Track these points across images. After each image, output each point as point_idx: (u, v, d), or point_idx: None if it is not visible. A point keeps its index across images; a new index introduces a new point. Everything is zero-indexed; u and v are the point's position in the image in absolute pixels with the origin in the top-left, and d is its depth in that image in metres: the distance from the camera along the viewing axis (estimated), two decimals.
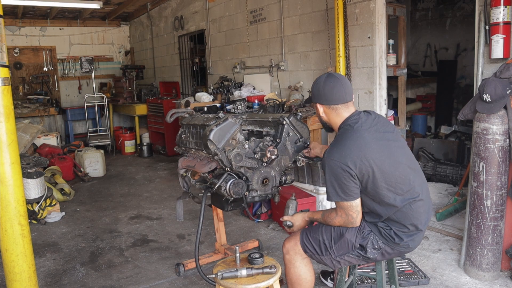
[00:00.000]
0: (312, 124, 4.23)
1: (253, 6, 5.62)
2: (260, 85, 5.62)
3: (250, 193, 2.41)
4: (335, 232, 2.01)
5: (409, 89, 6.66)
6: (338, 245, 1.99)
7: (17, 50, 8.75)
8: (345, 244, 1.98)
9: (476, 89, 2.98)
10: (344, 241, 1.97)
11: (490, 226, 2.73)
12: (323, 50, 4.62)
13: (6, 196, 1.92)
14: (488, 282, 2.77)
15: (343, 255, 2.00)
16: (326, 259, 2.04)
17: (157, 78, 8.91)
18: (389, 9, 3.95)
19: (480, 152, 2.71)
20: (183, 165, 2.73)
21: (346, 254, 1.99)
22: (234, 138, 2.37)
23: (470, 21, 5.59)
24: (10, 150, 1.91)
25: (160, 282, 3.00)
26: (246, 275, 1.93)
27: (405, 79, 4.32)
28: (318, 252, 2.05)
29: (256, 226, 3.96)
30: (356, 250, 1.97)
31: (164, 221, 4.22)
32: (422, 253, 3.21)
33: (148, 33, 8.96)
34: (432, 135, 5.89)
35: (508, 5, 2.76)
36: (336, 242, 1.99)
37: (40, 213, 4.30)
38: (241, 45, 5.99)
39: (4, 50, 1.90)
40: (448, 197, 4.22)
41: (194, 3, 7.08)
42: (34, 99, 8.53)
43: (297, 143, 2.50)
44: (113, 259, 3.41)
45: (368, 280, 2.80)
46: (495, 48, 2.84)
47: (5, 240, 1.95)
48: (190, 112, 2.96)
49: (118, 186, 5.69)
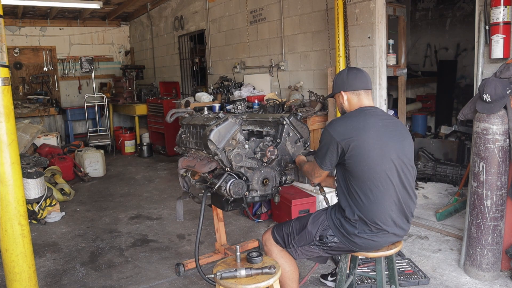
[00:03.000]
0: (312, 124, 4.24)
1: (253, 6, 5.62)
2: (260, 85, 5.62)
3: (250, 193, 2.41)
4: (299, 224, 2.18)
5: (409, 89, 6.66)
6: (300, 236, 2.14)
7: (17, 50, 8.75)
8: (306, 235, 2.13)
9: (476, 89, 2.98)
10: (305, 232, 2.13)
11: (490, 226, 2.73)
12: (323, 50, 4.62)
13: (6, 196, 1.92)
14: (488, 282, 2.77)
15: (304, 246, 2.14)
16: (291, 251, 2.19)
17: (157, 78, 8.91)
18: (389, 9, 3.95)
19: (480, 152, 2.71)
20: (183, 165, 2.73)
21: (307, 245, 2.13)
22: (234, 138, 2.37)
23: (470, 21, 5.58)
24: (10, 150, 1.91)
25: (160, 282, 3.00)
26: (245, 275, 1.93)
27: (405, 79, 4.32)
28: (284, 244, 2.20)
29: (256, 226, 3.96)
30: (316, 241, 2.10)
31: (164, 221, 4.23)
32: (422, 253, 3.21)
33: (148, 33, 8.96)
34: (432, 135, 5.89)
35: (508, 5, 2.76)
36: (298, 233, 2.15)
37: (40, 213, 4.30)
38: (241, 45, 5.99)
39: (4, 50, 1.90)
40: (448, 197, 4.22)
41: (194, 3, 7.08)
42: (34, 99, 8.53)
43: (297, 143, 2.50)
44: (113, 259, 3.41)
45: (368, 280, 2.80)
46: (495, 48, 2.84)
47: (5, 240, 1.95)
48: (190, 112, 2.96)
49: (118, 186, 5.69)
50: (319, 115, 4.34)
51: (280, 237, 2.22)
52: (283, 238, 2.21)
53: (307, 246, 2.13)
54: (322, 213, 2.16)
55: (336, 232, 2.05)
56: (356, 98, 2.11)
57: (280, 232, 2.23)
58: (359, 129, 1.96)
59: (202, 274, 2.35)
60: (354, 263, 2.37)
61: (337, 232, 2.04)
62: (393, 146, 1.98)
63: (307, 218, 2.18)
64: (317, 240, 2.09)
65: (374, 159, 1.93)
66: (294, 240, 2.15)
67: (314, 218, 2.14)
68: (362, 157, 1.93)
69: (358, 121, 2.00)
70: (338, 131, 1.97)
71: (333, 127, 2.01)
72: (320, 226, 2.09)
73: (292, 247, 2.17)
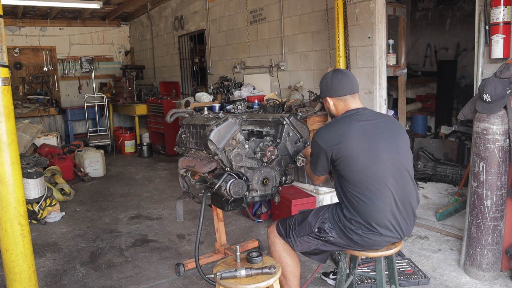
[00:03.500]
0: (312, 124, 4.23)
1: (253, 6, 5.62)
2: (260, 85, 5.62)
3: (250, 193, 2.41)
4: (302, 216, 2.20)
5: (409, 89, 6.66)
6: (300, 227, 2.17)
7: (17, 50, 8.75)
8: (305, 226, 2.14)
9: (476, 89, 2.98)
10: (305, 223, 2.15)
11: (490, 226, 2.73)
12: (323, 50, 4.62)
13: (6, 196, 1.92)
14: (488, 282, 2.77)
15: (303, 236, 2.15)
16: (291, 241, 2.20)
17: (157, 78, 8.91)
18: (389, 9, 3.95)
19: (480, 152, 2.71)
20: (183, 165, 2.73)
21: (306, 236, 2.15)
22: (234, 138, 2.37)
23: (470, 21, 5.58)
24: (10, 150, 1.91)
25: (160, 282, 3.00)
26: (245, 275, 1.93)
27: (405, 79, 4.32)
28: (286, 235, 2.22)
29: (256, 226, 3.96)
30: (315, 232, 2.11)
31: (164, 221, 4.23)
32: (422, 253, 3.21)
33: (148, 33, 8.96)
34: (432, 135, 5.89)
35: (508, 5, 2.76)
36: (299, 224, 2.17)
37: (40, 213, 4.30)
38: (241, 45, 5.99)
39: (4, 50, 1.90)
40: (448, 197, 4.22)
41: (194, 3, 7.08)
42: (34, 99, 8.53)
43: (297, 143, 2.50)
44: (113, 259, 3.41)
45: (368, 280, 2.79)
46: (495, 48, 2.84)
47: (5, 240, 1.95)
48: (190, 112, 2.96)
49: (118, 186, 5.69)
50: (319, 115, 4.34)
51: (283, 228, 2.24)
52: (285, 229, 2.23)
53: (305, 237, 2.15)
54: (325, 207, 2.18)
55: (334, 225, 2.06)
56: (342, 103, 2.11)
57: (284, 224, 2.26)
58: (344, 135, 1.97)
59: (202, 274, 2.35)
60: (354, 263, 2.37)
61: (335, 225, 2.06)
62: (384, 146, 1.98)
63: (310, 211, 2.21)
64: (315, 231, 2.10)
65: (365, 163, 1.94)
66: (295, 231, 2.18)
67: (316, 211, 2.17)
68: (350, 162, 1.94)
69: (343, 127, 2.00)
70: (324, 139, 2.00)
71: (319, 135, 2.05)
72: (320, 218, 2.11)
73: (291, 237, 2.19)
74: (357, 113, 2.05)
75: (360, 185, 1.95)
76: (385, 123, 2.05)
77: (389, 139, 2.00)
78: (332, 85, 2.10)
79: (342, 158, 1.96)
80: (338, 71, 2.15)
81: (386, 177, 1.95)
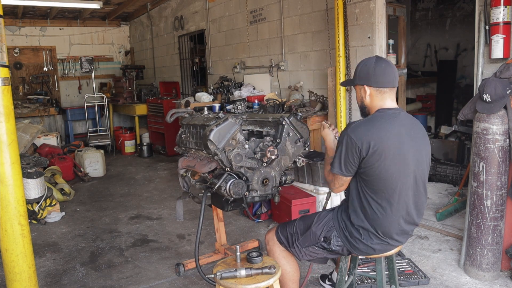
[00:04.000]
0: (312, 124, 4.24)
1: (253, 6, 5.62)
2: (260, 85, 5.62)
3: (250, 193, 2.40)
4: (304, 224, 2.13)
5: (409, 89, 6.66)
6: (304, 237, 2.10)
7: (17, 50, 8.75)
8: (310, 236, 2.08)
9: (476, 89, 2.98)
10: (309, 233, 2.08)
11: (490, 226, 2.73)
12: (323, 50, 4.62)
13: (6, 196, 1.92)
14: (488, 282, 2.77)
15: (308, 247, 2.09)
16: (295, 251, 2.14)
17: (157, 78, 8.91)
18: (389, 9, 3.95)
19: (480, 152, 2.71)
20: (183, 165, 2.73)
21: (311, 246, 2.08)
22: (234, 138, 2.37)
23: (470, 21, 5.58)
24: (10, 150, 1.91)
25: (160, 282, 3.00)
26: (245, 275, 1.93)
27: (405, 79, 4.33)
28: (288, 244, 2.16)
29: (256, 226, 3.96)
30: (320, 242, 2.05)
31: (164, 221, 4.22)
32: (422, 253, 3.21)
33: (148, 33, 8.96)
34: (432, 135, 5.88)
35: (508, 5, 2.76)
36: (303, 234, 2.10)
37: (40, 213, 4.30)
38: (241, 45, 5.99)
39: (4, 50, 1.90)
40: (448, 197, 4.22)
41: (194, 3, 7.08)
42: (34, 99, 8.53)
43: (297, 143, 2.50)
44: (113, 259, 3.41)
45: (368, 280, 2.80)
46: (495, 48, 2.84)
47: (5, 240, 1.95)
48: (190, 112, 2.96)
49: (118, 186, 5.69)
50: (319, 115, 4.34)
51: (284, 237, 2.18)
52: (287, 238, 2.16)
53: (311, 247, 2.08)
54: (328, 214, 2.10)
55: (340, 233, 2.01)
56: (380, 96, 1.91)
57: (284, 232, 2.19)
58: (381, 139, 1.79)
59: (202, 274, 2.35)
60: (354, 263, 2.37)
61: (341, 234, 2.00)
62: (412, 157, 1.86)
63: (311, 218, 2.12)
64: (321, 241, 2.04)
65: (393, 175, 1.82)
66: (298, 241, 2.11)
67: (318, 218, 2.09)
68: (380, 170, 1.81)
69: (380, 128, 1.82)
70: (361, 138, 1.80)
71: (353, 129, 1.83)
72: (325, 227, 2.04)
73: (296, 248, 2.13)
74: (394, 114, 1.88)
75: (381, 194, 1.85)
76: (416, 132, 1.91)
77: (417, 150, 1.88)
78: (375, 73, 1.88)
79: (374, 163, 1.79)
80: (382, 59, 1.91)
81: (407, 190, 1.87)
